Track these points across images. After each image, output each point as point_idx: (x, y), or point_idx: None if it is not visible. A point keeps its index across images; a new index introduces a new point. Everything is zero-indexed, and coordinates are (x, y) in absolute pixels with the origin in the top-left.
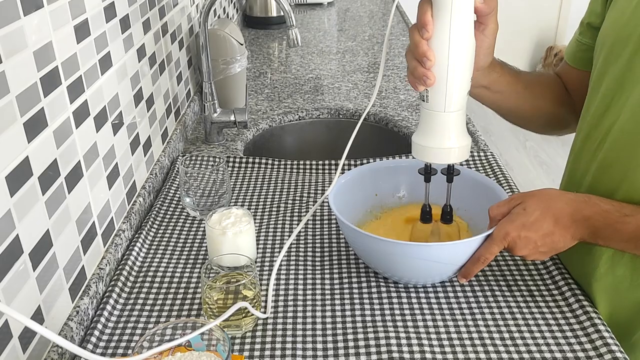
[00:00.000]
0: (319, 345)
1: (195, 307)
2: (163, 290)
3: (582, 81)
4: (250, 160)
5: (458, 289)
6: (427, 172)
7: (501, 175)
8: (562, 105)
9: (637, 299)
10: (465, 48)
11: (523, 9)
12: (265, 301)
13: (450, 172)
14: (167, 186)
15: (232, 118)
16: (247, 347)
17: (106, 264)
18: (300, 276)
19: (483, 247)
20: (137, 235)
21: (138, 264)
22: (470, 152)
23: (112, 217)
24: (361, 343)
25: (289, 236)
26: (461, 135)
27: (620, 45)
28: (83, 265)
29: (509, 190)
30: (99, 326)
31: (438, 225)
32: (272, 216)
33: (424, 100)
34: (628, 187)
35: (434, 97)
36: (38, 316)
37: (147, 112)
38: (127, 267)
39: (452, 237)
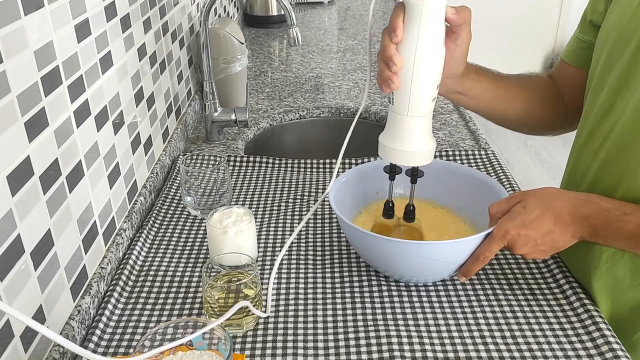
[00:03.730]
0: (320, 344)
1: (197, 306)
2: (164, 290)
3: (576, 80)
4: (251, 159)
5: (459, 287)
6: (392, 171)
7: (502, 174)
8: (550, 108)
9: (637, 298)
10: (431, 56)
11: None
12: (266, 300)
13: (414, 173)
14: (168, 185)
15: (233, 117)
16: (248, 345)
17: (107, 263)
18: (301, 275)
19: (483, 245)
20: (138, 235)
21: (139, 263)
22: (472, 150)
23: (113, 217)
24: (362, 342)
25: (290, 235)
26: (425, 140)
27: (623, 43)
28: (84, 265)
29: (509, 189)
30: (101, 325)
31: (399, 221)
32: (273, 215)
33: (390, 103)
34: (628, 185)
35: (399, 101)
36: (39, 315)
37: (148, 111)
38: (128, 266)
39: (413, 235)
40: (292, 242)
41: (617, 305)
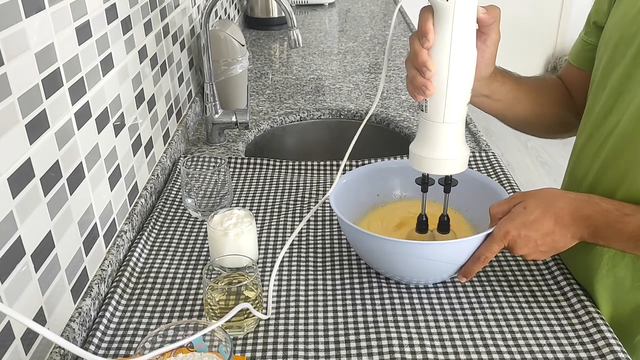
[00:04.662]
0: (321, 346)
1: (197, 308)
2: (165, 291)
3: (583, 82)
4: (252, 161)
5: (460, 288)
6: (425, 182)
7: (503, 176)
8: (565, 109)
9: (638, 300)
10: (466, 58)
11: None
12: (267, 302)
13: (447, 182)
14: (169, 187)
15: (234, 119)
16: (249, 347)
17: (108, 265)
18: (302, 277)
19: (483, 246)
20: (139, 237)
21: (140, 265)
22: (472, 152)
23: (114, 219)
24: (363, 343)
25: (291, 237)
26: (459, 147)
27: (624, 44)
28: (85, 267)
29: (510, 191)
30: (101, 327)
31: (433, 235)
32: (274, 217)
33: (422, 110)
34: (629, 186)
35: (433, 108)
36: (40, 318)
37: (149, 113)
38: (129, 268)
39: None
40: (292, 244)
41: (618, 307)
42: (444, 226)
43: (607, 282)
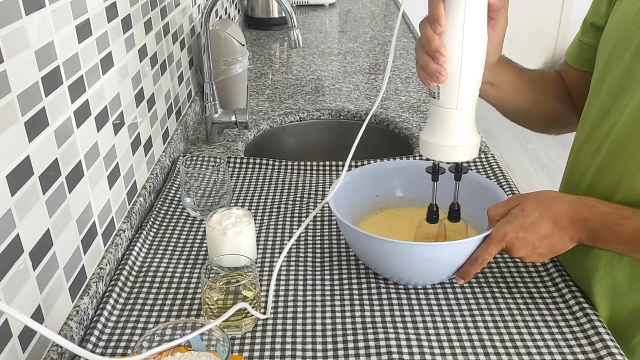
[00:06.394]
0: (319, 346)
1: (195, 307)
2: (163, 291)
3: (581, 82)
4: (251, 160)
5: (458, 290)
6: (435, 170)
7: (502, 177)
8: (564, 103)
9: (636, 302)
10: (478, 43)
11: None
12: (265, 302)
13: (458, 170)
14: (168, 186)
15: (233, 119)
16: (246, 347)
17: (106, 264)
18: (300, 277)
19: (481, 247)
20: (137, 235)
21: (138, 264)
22: None
23: (112, 217)
24: (361, 344)
25: (290, 237)
26: (471, 133)
27: (623, 46)
28: (83, 265)
29: (509, 193)
30: (99, 326)
31: (444, 224)
32: (273, 217)
33: (434, 97)
34: (626, 188)
35: (446, 94)
36: (38, 315)
37: (148, 112)
38: (127, 267)
39: (460, 235)
40: (291, 244)
41: (616, 309)
42: (454, 214)
43: (604, 285)
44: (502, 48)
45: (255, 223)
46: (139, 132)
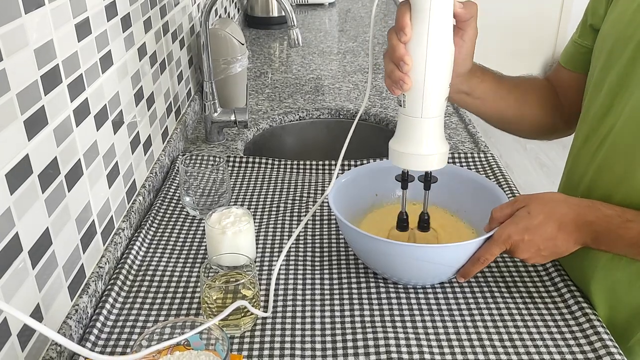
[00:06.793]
0: (318, 345)
1: (194, 306)
2: (162, 289)
3: (575, 84)
4: (251, 160)
5: (458, 290)
6: (404, 178)
7: (501, 177)
8: (550, 111)
9: (634, 302)
10: (443, 53)
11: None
12: (264, 301)
13: (427, 179)
14: (167, 185)
15: (233, 118)
16: (245, 346)
17: (105, 263)
18: (300, 276)
19: (483, 248)
20: (136, 234)
21: (137, 262)
22: (471, 153)
23: (111, 216)
24: (360, 343)
25: (289, 236)
26: (439, 142)
27: (621, 46)
28: (82, 264)
29: (508, 193)
30: (98, 324)
31: (414, 233)
32: (272, 216)
33: (401, 105)
34: (626, 188)
35: (411, 103)
36: (37, 314)
37: (148, 111)
38: (126, 266)
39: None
40: (290, 243)
41: (615, 309)
42: (423, 224)
43: (603, 285)
44: (472, 57)
45: (254, 222)
46: (138, 131)
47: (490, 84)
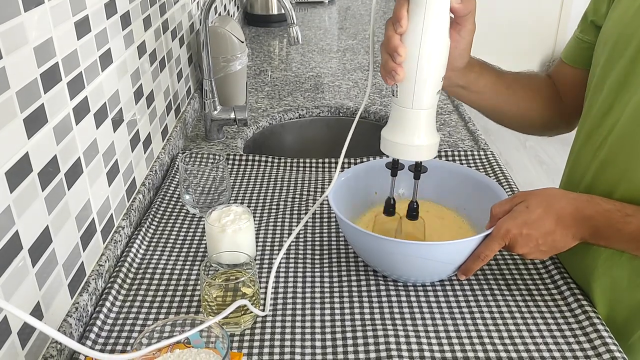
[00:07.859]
0: (318, 343)
1: (195, 304)
2: (162, 287)
3: (576, 81)
4: (250, 157)
5: (457, 287)
6: (394, 167)
7: (501, 175)
8: (549, 108)
9: (634, 299)
10: (437, 47)
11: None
12: (264, 299)
13: (417, 169)
14: (167, 183)
15: (232, 116)
16: (246, 344)
17: (105, 261)
18: (300, 274)
19: (483, 244)
20: (136, 232)
21: (137, 260)
22: (471, 151)
23: (111, 214)
24: (360, 341)
25: (289, 234)
26: (429, 134)
27: (623, 43)
28: (82, 262)
29: (508, 190)
30: (98, 322)
31: (401, 221)
32: (272, 214)
33: (394, 95)
34: (627, 186)
35: (403, 93)
36: (37, 312)
37: (147, 109)
38: (126, 264)
39: (416, 234)
40: (290, 241)
41: (614, 306)
42: (412, 212)
43: (604, 282)
44: (469, 52)
45: (254, 220)
46: (138, 129)
47: (488, 78)
